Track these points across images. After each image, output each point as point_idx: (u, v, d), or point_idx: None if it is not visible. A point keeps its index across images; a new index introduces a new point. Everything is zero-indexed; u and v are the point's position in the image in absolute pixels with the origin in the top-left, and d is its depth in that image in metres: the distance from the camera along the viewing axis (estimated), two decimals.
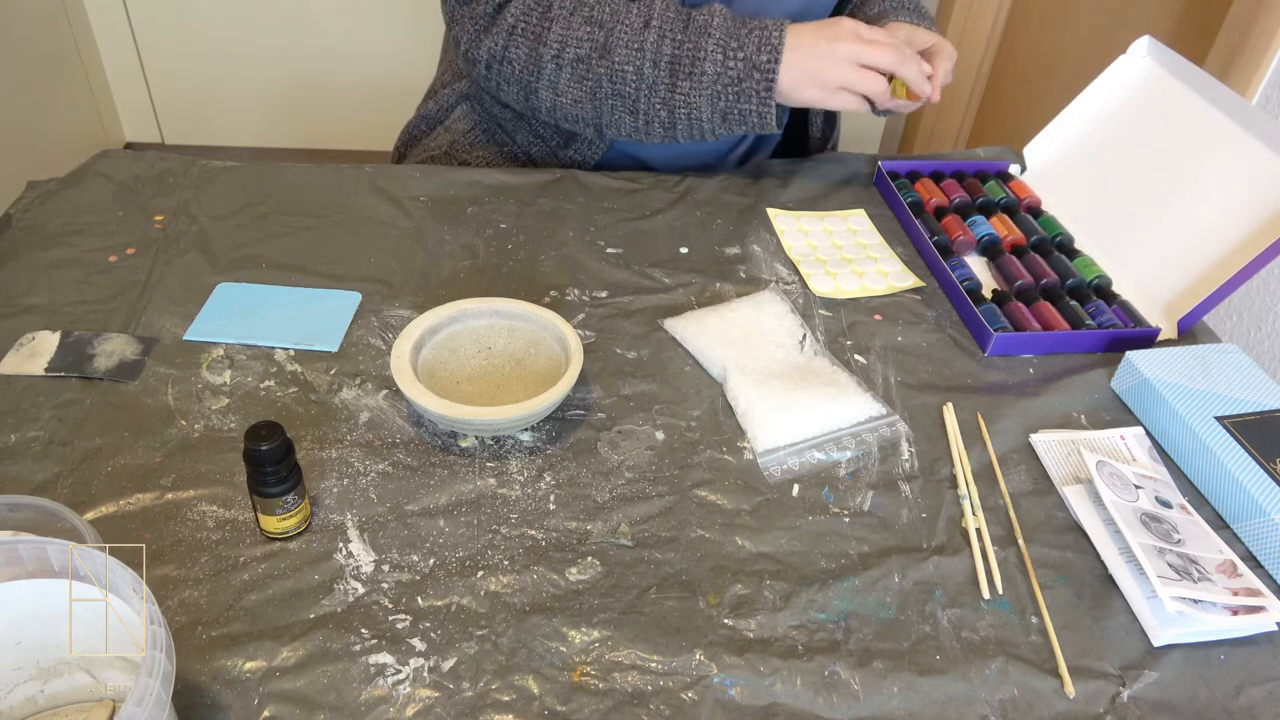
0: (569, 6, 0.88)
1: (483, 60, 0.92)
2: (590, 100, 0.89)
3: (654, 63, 0.86)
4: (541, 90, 0.91)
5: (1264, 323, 1.27)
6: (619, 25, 0.87)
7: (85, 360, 0.73)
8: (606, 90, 0.88)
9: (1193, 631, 0.60)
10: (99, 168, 0.95)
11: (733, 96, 0.86)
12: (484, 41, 0.91)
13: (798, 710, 0.54)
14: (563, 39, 0.87)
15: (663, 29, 0.86)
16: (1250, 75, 1.29)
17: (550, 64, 0.88)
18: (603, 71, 0.87)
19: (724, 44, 0.85)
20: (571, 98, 0.90)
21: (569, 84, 0.89)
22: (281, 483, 0.58)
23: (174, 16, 2.29)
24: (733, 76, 0.86)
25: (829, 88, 0.87)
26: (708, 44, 0.85)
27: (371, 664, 0.55)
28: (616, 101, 0.89)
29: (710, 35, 0.85)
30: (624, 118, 0.90)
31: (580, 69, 0.88)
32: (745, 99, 0.86)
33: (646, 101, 0.88)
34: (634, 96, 0.88)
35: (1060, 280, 0.89)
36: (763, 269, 0.89)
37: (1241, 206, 0.83)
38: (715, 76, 0.86)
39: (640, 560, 0.62)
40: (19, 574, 0.46)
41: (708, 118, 0.88)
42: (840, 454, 0.71)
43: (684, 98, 0.87)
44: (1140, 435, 0.74)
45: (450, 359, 0.73)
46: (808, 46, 0.86)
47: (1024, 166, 1.05)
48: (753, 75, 0.85)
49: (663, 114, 0.88)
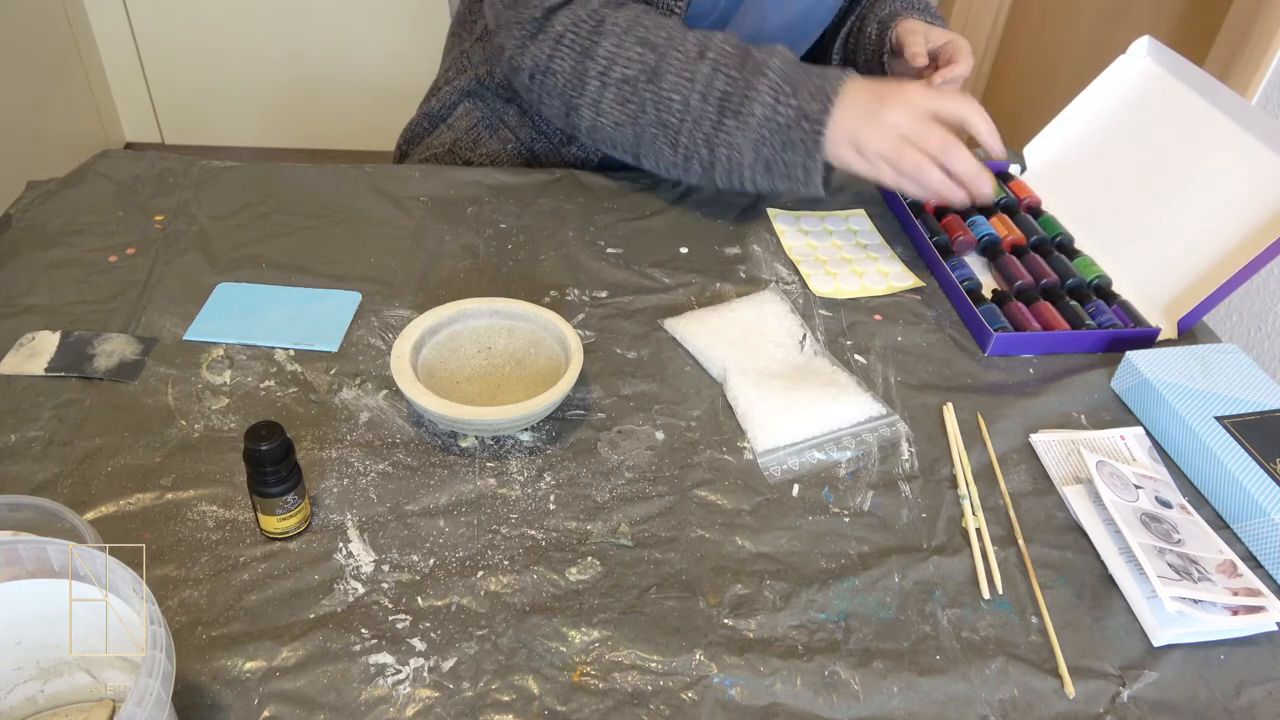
0: (623, 24, 0.84)
1: (527, 69, 0.89)
2: (632, 125, 0.86)
3: (703, 96, 0.82)
4: (583, 108, 0.87)
5: (1264, 323, 1.27)
6: (673, 51, 0.83)
7: (85, 360, 0.73)
8: (650, 117, 0.85)
9: (1193, 631, 0.60)
10: (99, 168, 0.95)
11: (778, 144, 0.82)
12: (530, 49, 0.88)
13: (798, 710, 0.54)
14: (611, 56, 0.84)
15: (718, 62, 0.82)
16: (1250, 75, 1.29)
17: (595, 80, 0.85)
18: (649, 96, 0.84)
19: (777, 86, 0.80)
20: (613, 120, 0.86)
21: (612, 105, 0.86)
22: (281, 483, 0.58)
23: (174, 16, 2.29)
24: (781, 123, 0.81)
25: (867, 153, 0.81)
26: (761, 84, 0.81)
27: (371, 664, 0.55)
28: (658, 131, 0.85)
29: (765, 76, 0.81)
30: (664, 149, 0.86)
31: (626, 90, 0.84)
32: (791, 149, 0.82)
33: (689, 135, 0.84)
34: (677, 128, 0.84)
35: (1060, 280, 0.89)
36: (763, 269, 0.89)
37: (1241, 206, 0.83)
38: (763, 120, 0.81)
39: (640, 560, 0.62)
40: (19, 574, 0.46)
41: (749, 163, 0.84)
42: (840, 454, 0.71)
43: (727, 137, 0.83)
44: (1140, 435, 0.74)
45: (450, 359, 0.73)
46: (859, 104, 0.80)
47: (1024, 166, 1.05)
48: (801, 124, 0.80)
49: (704, 151, 0.84)
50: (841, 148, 0.82)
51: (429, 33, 2.34)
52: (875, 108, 0.80)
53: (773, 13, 0.97)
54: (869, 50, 1.03)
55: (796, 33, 1.01)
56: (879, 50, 1.01)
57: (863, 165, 0.82)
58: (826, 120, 0.80)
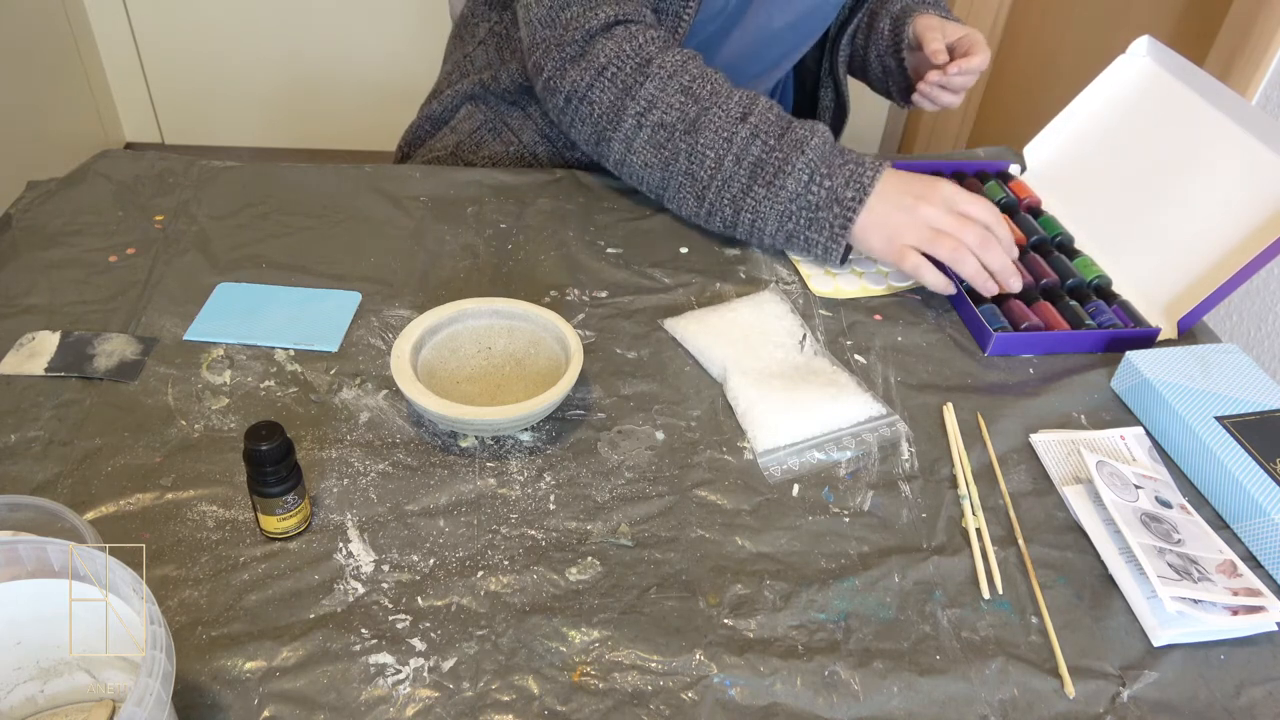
0: (669, 68, 0.85)
1: (564, 93, 0.89)
2: (661, 170, 0.87)
3: (738, 159, 0.83)
4: (615, 142, 0.88)
5: (1264, 323, 1.27)
6: (715, 107, 0.83)
7: (85, 360, 0.73)
8: (681, 166, 0.85)
9: (1193, 631, 0.60)
10: (99, 168, 0.95)
11: (804, 221, 0.83)
12: (570, 73, 0.88)
13: (798, 710, 0.54)
14: (653, 99, 0.84)
15: (758, 128, 0.83)
16: (1250, 75, 1.29)
17: (632, 119, 0.85)
18: (683, 147, 0.84)
19: (814, 166, 0.82)
20: (643, 160, 0.87)
21: (645, 146, 0.86)
22: (281, 483, 0.58)
23: (174, 16, 2.29)
24: (811, 202, 0.82)
25: (895, 243, 0.82)
26: (798, 160, 0.82)
27: (371, 664, 0.55)
28: (686, 181, 0.86)
29: (804, 153, 0.82)
30: (688, 199, 0.87)
31: (661, 135, 0.85)
32: (817, 228, 0.83)
33: (717, 193, 0.85)
34: (706, 183, 0.85)
35: (1060, 280, 0.89)
36: (763, 269, 0.89)
37: (1241, 206, 0.83)
38: (794, 195, 0.82)
39: (640, 560, 0.62)
40: (19, 574, 0.46)
41: (771, 232, 0.85)
42: (840, 454, 0.71)
43: (754, 203, 0.84)
44: (1140, 435, 0.74)
45: (450, 359, 0.73)
46: (894, 196, 0.82)
47: (1024, 166, 1.05)
48: (832, 208, 0.82)
49: (728, 211, 0.85)
50: (871, 234, 0.83)
51: (429, 33, 2.34)
52: (910, 203, 0.82)
53: (779, 11, 0.97)
54: (882, 45, 1.03)
55: (802, 30, 1.02)
56: (894, 45, 1.01)
57: (888, 252, 0.83)
58: (859, 209, 0.82)
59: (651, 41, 0.86)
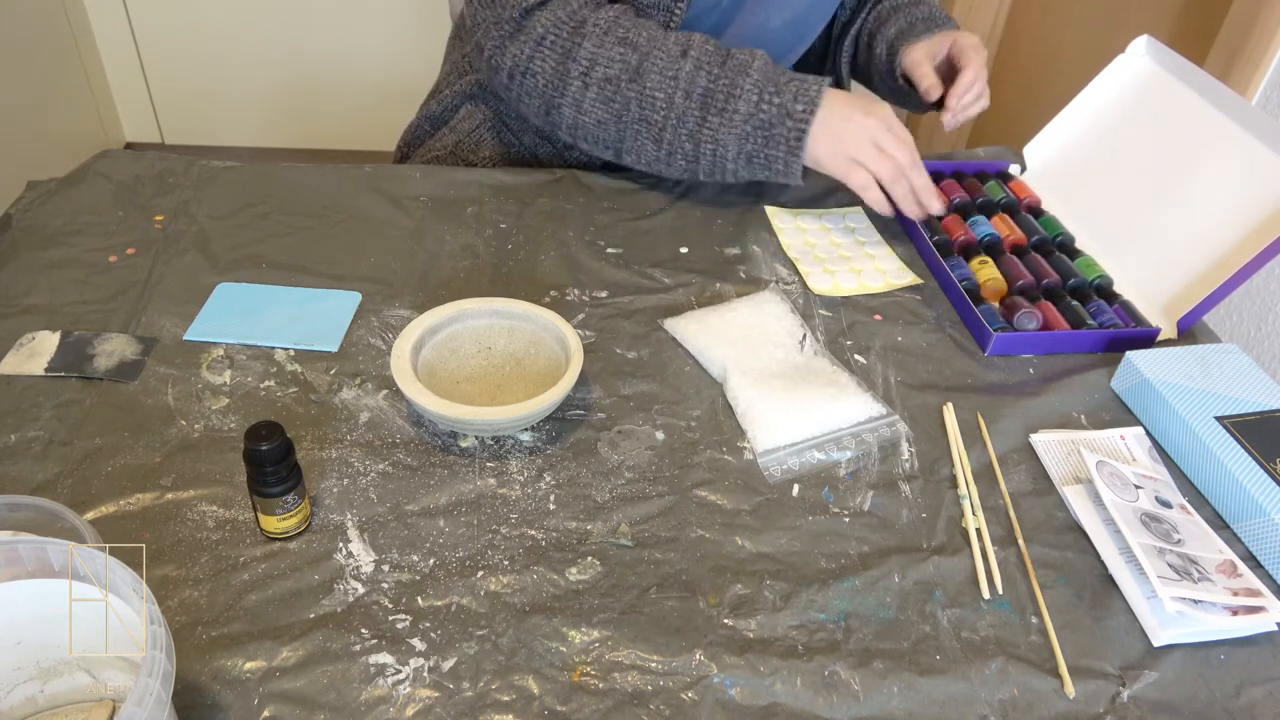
0: (603, 25, 0.86)
1: (505, 69, 0.90)
2: (615, 123, 0.88)
3: (686, 93, 0.85)
4: (565, 107, 0.89)
5: (1264, 323, 1.27)
6: (655, 51, 0.85)
7: (85, 360, 0.73)
8: (634, 114, 0.87)
9: (1193, 631, 0.60)
10: (99, 168, 0.95)
11: (761, 140, 0.85)
12: (509, 49, 0.89)
13: (798, 710, 0.54)
14: (593, 56, 0.86)
15: (700, 60, 0.85)
16: (1250, 75, 1.29)
17: (577, 80, 0.87)
18: (632, 95, 0.86)
19: (761, 86, 0.84)
20: (595, 118, 0.88)
21: (594, 103, 0.87)
22: (281, 483, 0.58)
23: (174, 16, 2.29)
24: (764, 120, 0.84)
25: (842, 156, 0.86)
26: (745, 83, 0.84)
27: (371, 664, 0.55)
28: (641, 128, 0.87)
29: (749, 75, 0.84)
30: (647, 145, 0.88)
31: (609, 89, 0.86)
32: (774, 144, 0.85)
33: (673, 132, 0.86)
34: (661, 125, 0.86)
35: (1062, 280, 0.89)
36: (763, 269, 0.89)
37: (1241, 206, 0.83)
38: (747, 116, 0.84)
39: (640, 560, 0.62)
40: (19, 574, 0.46)
41: (732, 157, 0.87)
42: (840, 454, 0.71)
43: (712, 133, 0.85)
44: (1140, 435, 0.74)
45: (450, 359, 0.73)
46: (840, 110, 0.85)
47: (1024, 166, 1.05)
48: (785, 122, 0.84)
49: (688, 146, 0.87)
50: (820, 146, 0.86)
51: (429, 33, 2.34)
52: (858, 117, 0.86)
53: (776, 10, 0.97)
54: (883, 70, 1.03)
55: (799, 30, 1.01)
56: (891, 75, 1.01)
57: (835, 163, 0.87)
58: (811, 120, 0.85)
59: (584, 5, 0.88)
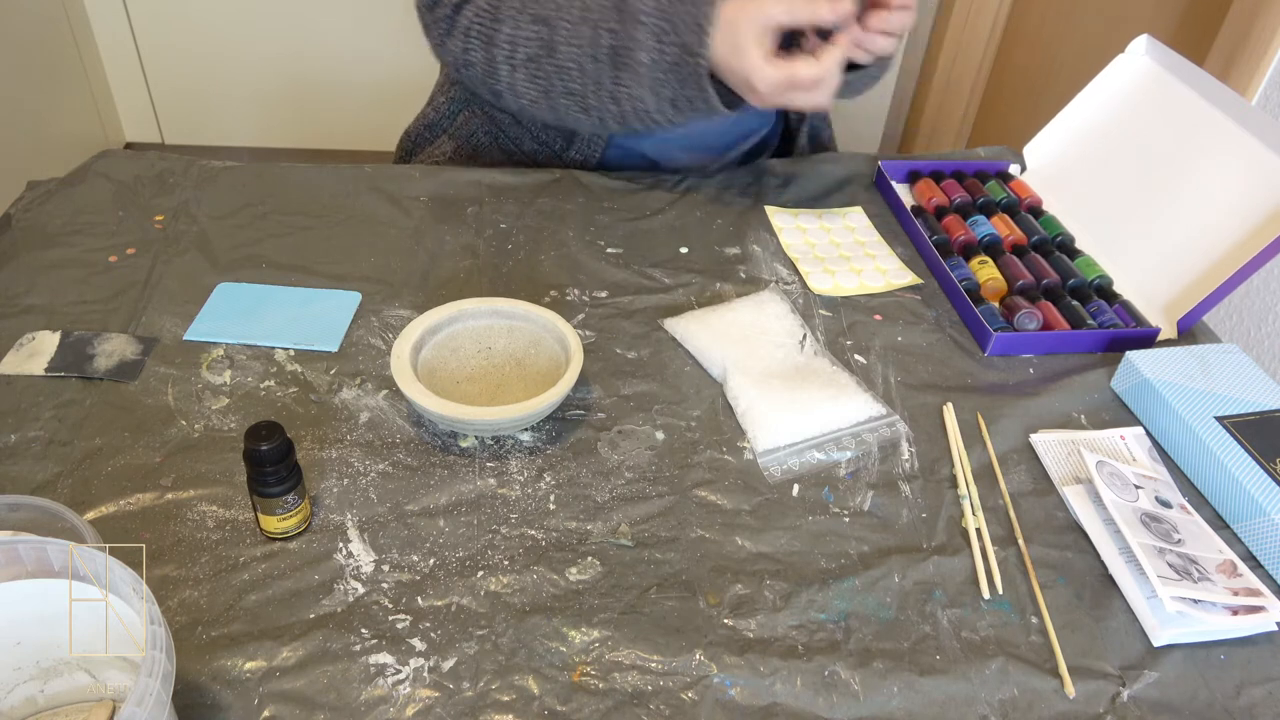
0: (516, 4, 0.86)
1: (450, 66, 0.92)
2: (546, 100, 0.88)
3: (594, 57, 0.83)
4: (505, 94, 0.90)
5: (1264, 323, 1.27)
6: (561, 21, 0.84)
7: (85, 360, 0.73)
8: (558, 89, 0.86)
9: (1193, 631, 0.60)
10: (99, 168, 0.95)
11: (675, 84, 0.82)
12: (447, 45, 0.90)
13: (798, 710, 0.54)
14: (512, 39, 0.85)
15: (599, 21, 0.83)
16: (1250, 75, 1.29)
17: (504, 66, 0.87)
18: (551, 70, 0.85)
19: (657, 31, 0.81)
20: (529, 99, 0.89)
21: (525, 85, 0.87)
22: (281, 483, 0.58)
23: (174, 16, 2.29)
24: (670, 63, 0.81)
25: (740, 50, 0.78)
26: (640, 33, 0.81)
27: (371, 664, 0.55)
28: (569, 101, 0.87)
29: (642, 24, 0.81)
30: (579, 116, 0.88)
31: (532, 69, 0.86)
32: (687, 85, 0.82)
33: (595, 97, 0.85)
34: (583, 93, 0.85)
35: (1062, 280, 0.89)
36: (763, 269, 0.89)
37: (1241, 206, 0.83)
38: (652, 65, 0.82)
39: (640, 560, 0.62)
40: (19, 574, 0.46)
41: (655, 107, 0.84)
42: (840, 454, 0.71)
43: (627, 90, 0.84)
44: (1140, 435, 0.74)
45: (450, 359, 0.73)
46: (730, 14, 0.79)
47: (1024, 166, 1.05)
48: (686, 61, 0.81)
49: (612, 108, 0.86)
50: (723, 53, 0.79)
51: None
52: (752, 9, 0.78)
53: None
54: None
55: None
56: None
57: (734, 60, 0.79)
58: (705, 51, 0.80)
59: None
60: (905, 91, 2.44)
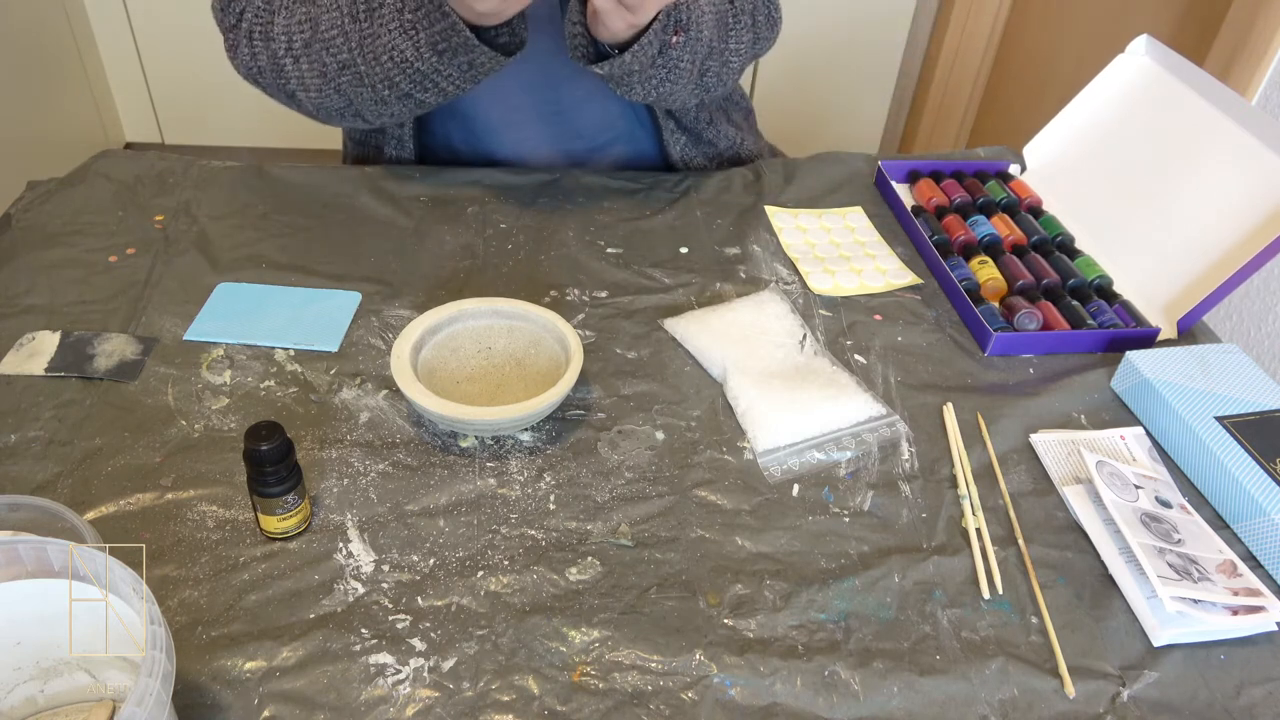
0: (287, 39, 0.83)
1: (247, 78, 0.88)
2: (328, 84, 0.83)
3: (352, 15, 0.79)
4: (296, 92, 0.85)
5: (1264, 323, 1.27)
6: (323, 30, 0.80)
7: (85, 360, 0.73)
8: (333, 66, 0.82)
9: (1193, 631, 0.60)
10: (99, 168, 0.95)
11: (425, 23, 0.76)
12: (239, 55, 0.87)
13: (798, 710, 0.54)
14: (287, 29, 0.82)
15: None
16: (1250, 75, 1.29)
17: (287, 59, 0.83)
18: (320, 48, 0.81)
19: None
20: (316, 88, 0.84)
21: (309, 75, 0.83)
22: (281, 483, 0.58)
23: (174, 16, 2.29)
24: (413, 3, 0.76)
25: None
26: None
27: (371, 664, 0.55)
28: (347, 76, 0.82)
29: None
30: (361, 91, 0.83)
31: (309, 55, 0.82)
32: (433, 20, 0.76)
33: (363, 61, 0.80)
34: (352, 62, 0.81)
35: (1062, 280, 0.89)
36: (763, 269, 0.89)
37: (1240, 206, 0.83)
38: (397, 6, 0.77)
39: (640, 560, 0.62)
40: (19, 574, 0.46)
41: (416, 56, 0.79)
42: (840, 454, 0.71)
43: (382, 42, 0.79)
44: (1140, 435, 0.74)
45: (450, 359, 0.73)
46: None
47: (1024, 166, 1.05)
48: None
49: (378, 70, 0.80)
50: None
51: None
52: None
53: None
54: None
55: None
56: None
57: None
58: None
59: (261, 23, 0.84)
60: (905, 91, 2.44)
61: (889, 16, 2.31)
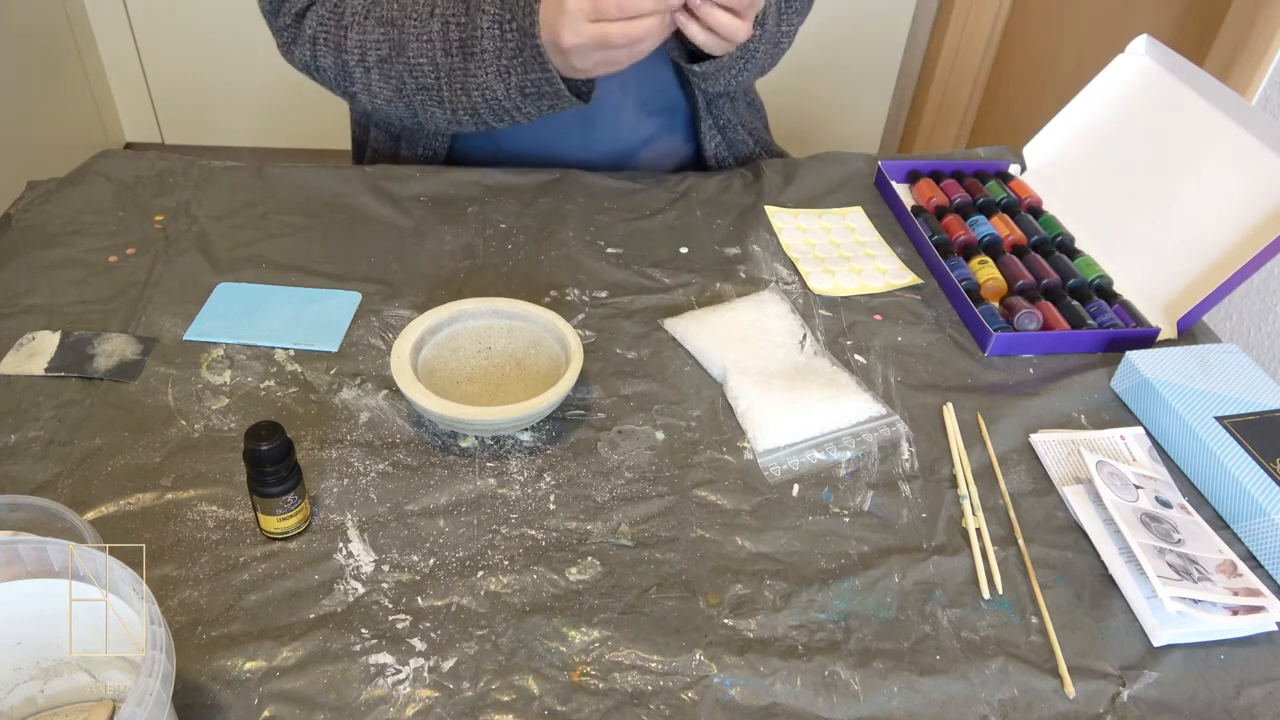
0: (360, 10, 0.87)
1: (301, 70, 0.93)
2: (401, 99, 0.89)
3: (445, 50, 0.84)
4: (359, 95, 0.91)
5: (1264, 323, 1.27)
6: (408, 20, 0.85)
7: (85, 360, 0.73)
8: (411, 86, 0.87)
9: (1193, 631, 0.60)
10: (99, 168, 0.95)
11: (520, 70, 0.82)
12: (295, 52, 0.91)
13: (798, 710, 0.54)
14: (361, 44, 0.87)
15: (446, 15, 0.84)
16: (1250, 75, 1.29)
17: (358, 69, 0.88)
18: (403, 69, 0.86)
19: (498, 17, 0.82)
20: (385, 99, 0.90)
21: (379, 86, 0.89)
22: (281, 483, 0.58)
23: (174, 16, 2.29)
24: (513, 49, 0.82)
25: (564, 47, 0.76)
26: (483, 20, 0.82)
27: (371, 664, 0.55)
28: (424, 96, 0.88)
29: (485, 11, 0.82)
30: (435, 111, 0.89)
31: (385, 69, 0.87)
32: (530, 69, 0.82)
33: (449, 90, 0.86)
34: (436, 88, 0.87)
35: (1062, 280, 0.89)
36: (763, 269, 0.89)
37: (1240, 206, 0.83)
38: (496, 52, 0.82)
39: (640, 560, 0.62)
40: (19, 574, 0.46)
41: (505, 95, 0.85)
42: (840, 454, 0.71)
43: (475, 80, 0.85)
44: (1140, 435, 0.74)
45: (450, 359, 0.73)
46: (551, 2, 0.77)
47: (1024, 166, 1.05)
48: (527, 44, 0.81)
49: (463, 99, 0.87)
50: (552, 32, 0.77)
51: None
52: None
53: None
54: None
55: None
56: None
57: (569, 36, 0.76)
58: (537, 30, 0.79)
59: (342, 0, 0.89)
60: (905, 91, 2.44)
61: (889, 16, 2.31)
